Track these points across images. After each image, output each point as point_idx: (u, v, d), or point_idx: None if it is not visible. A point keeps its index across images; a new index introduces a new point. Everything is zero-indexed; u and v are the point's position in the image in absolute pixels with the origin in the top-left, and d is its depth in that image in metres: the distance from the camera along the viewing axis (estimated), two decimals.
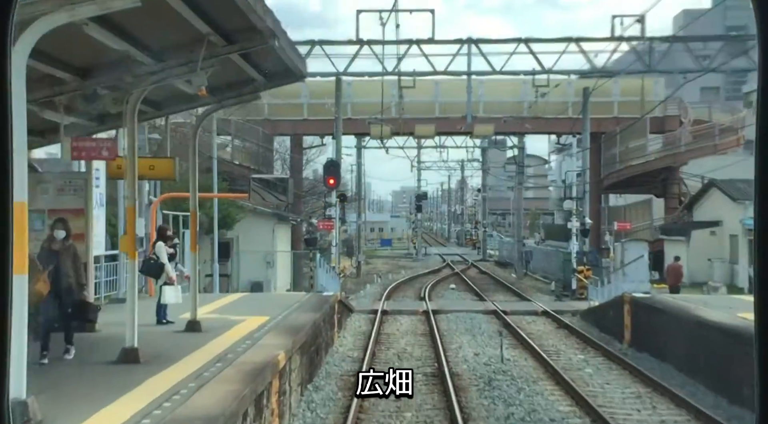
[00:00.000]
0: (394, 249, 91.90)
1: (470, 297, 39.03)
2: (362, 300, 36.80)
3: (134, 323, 11.69)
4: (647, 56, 31.14)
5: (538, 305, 33.46)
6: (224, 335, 14.95)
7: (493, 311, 31.60)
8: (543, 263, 56.64)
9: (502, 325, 28.14)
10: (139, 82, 11.82)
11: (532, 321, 29.61)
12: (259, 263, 39.22)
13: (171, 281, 16.16)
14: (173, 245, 16.49)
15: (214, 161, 30.81)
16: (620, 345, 23.31)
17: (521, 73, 33.31)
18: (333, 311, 23.25)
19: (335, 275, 31.00)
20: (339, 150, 40.66)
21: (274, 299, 23.01)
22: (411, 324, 28.99)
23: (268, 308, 19.67)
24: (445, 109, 49.19)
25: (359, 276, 52.07)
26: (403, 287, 44.34)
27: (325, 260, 36.22)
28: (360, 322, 29.19)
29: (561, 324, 28.27)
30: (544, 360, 20.56)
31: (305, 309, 19.83)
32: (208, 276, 35.87)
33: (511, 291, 42.47)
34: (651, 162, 44.54)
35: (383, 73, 33.75)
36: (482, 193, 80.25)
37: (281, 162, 51.08)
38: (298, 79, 15.69)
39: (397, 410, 15.19)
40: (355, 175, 57.63)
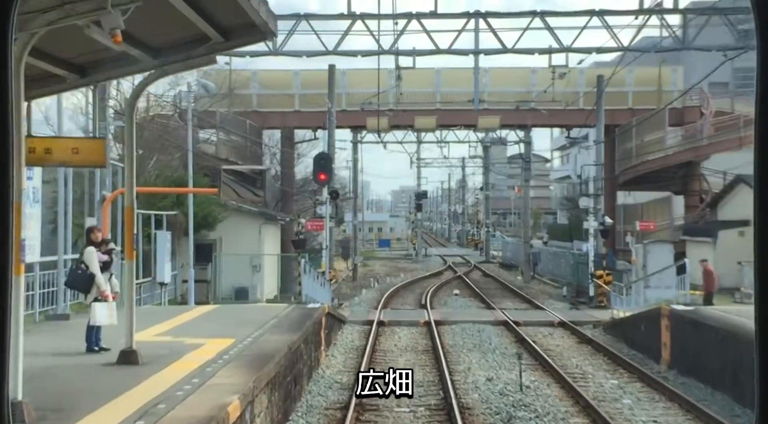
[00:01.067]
0: (393, 250, 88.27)
1: (476, 304, 35.51)
2: (357, 308, 33.28)
3: (18, 369, 8.13)
4: (681, 31, 27.55)
5: (553, 314, 29.96)
6: (167, 368, 11.45)
7: (503, 322, 28.11)
8: (551, 266, 53.25)
9: (516, 340, 24.60)
10: (28, 22, 8.30)
11: (548, 334, 26.10)
12: (244, 266, 35.78)
13: (103, 297, 12.63)
14: (108, 251, 12.95)
15: (190, 154, 27.38)
16: (657, 366, 19.82)
17: (536, 52, 29.75)
18: (319, 326, 19.75)
19: (325, 282, 27.52)
20: (332, 142, 37.15)
21: (248, 313, 19.53)
22: (411, 338, 25.49)
23: (238, 326, 16.18)
24: (446, 99, 45.67)
25: (355, 280, 48.58)
26: (402, 293, 40.84)
27: (315, 265, 32.83)
28: (353, 335, 25.69)
29: (582, 338, 24.77)
30: (571, 387, 17.07)
31: (283, 327, 16.32)
32: (185, 282, 32.43)
33: (519, 297, 38.97)
34: (671, 156, 41.01)
35: (379, 51, 30.20)
36: (485, 192, 76.64)
37: (270, 157, 47.54)
38: (264, 38, 12.18)
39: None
40: (353, 172, 54.03)
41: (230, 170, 18.46)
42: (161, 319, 17.24)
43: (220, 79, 41.68)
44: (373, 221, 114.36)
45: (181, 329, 15.77)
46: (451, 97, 45.72)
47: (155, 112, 37.20)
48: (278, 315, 18.18)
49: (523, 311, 31.99)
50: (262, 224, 37.04)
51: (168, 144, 35.26)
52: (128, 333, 11.80)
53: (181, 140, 38.61)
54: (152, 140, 35.13)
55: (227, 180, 18.15)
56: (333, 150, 37.29)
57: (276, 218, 38.61)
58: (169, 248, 28.89)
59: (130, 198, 11.82)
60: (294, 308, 19.79)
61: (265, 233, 37.47)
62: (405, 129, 45.64)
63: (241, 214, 36.46)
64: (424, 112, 45.08)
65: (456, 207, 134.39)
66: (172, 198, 32.99)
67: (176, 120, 39.87)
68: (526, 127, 47.03)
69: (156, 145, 35.32)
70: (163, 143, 34.57)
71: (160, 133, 35.01)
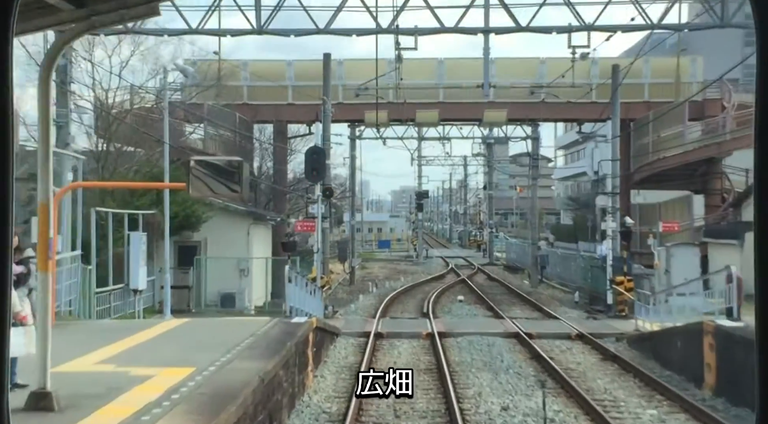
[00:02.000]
0: (393, 251, 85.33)
1: (482, 312, 32.67)
2: (352, 317, 30.47)
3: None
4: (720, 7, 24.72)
5: (569, 324, 27.13)
6: (89, 418, 8.62)
7: (515, 334, 25.28)
8: (559, 269, 50.46)
9: (531, 356, 21.77)
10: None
11: (566, 349, 23.26)
12: (231, 271, 33.01)
13: (18, 320, 9.78)
14: (22, 261, 10.08)
15: (166, 145, 24.62)
16: (700, 392, 16.99)
17: (553, 31, 26.82)
18: (306, 344, 16.93)
19: (316, 290, 24.66)
20: (327, 136, 34.27)
21: (222, 330, 16.71)
22: (412, 353, 22.68)
23: (204, 349, 13.38)
24: (450, 92, 42.83)
25: (352, 284, 45.77)
26: (402, 298, 38.01)
27: (308, 270, 30.02)
28: (347, 350, 22.88)
29: (606, 354, 21.93)
30: (604, 420, 14.27)
31: (258, 350, 13.50)
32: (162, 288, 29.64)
33: (528, 303, 36.15)
34: (691, 153, 38.16)
35: (377, 30, 27.26)
36: (488, 191, 73.77)
37: (262, 152, 44.74)
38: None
39: None
40: (350, 169, 51.09)
41: (202, 162, 15.63)
42: (115, 338, 14.43)
43: (209, 68, 38.92)
44: (372, 222, 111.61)
45: (132, 354, 12.93)
46: (455, 90, 42.88)
47: (140, 105, 34.46)
48: (256, 333, 15.35)
49: (535, 321, 29.16)
50: (251, 225, 34.28)
51: (148, 137, 32.48)
52: (41, 369, 8.97)
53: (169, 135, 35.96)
54: (131, 133, 32.40)
55: (199, 173, 15.32)
56: (328, 144, 34.43)
57: (266, 218, 35.80)
58: (144, 250, 26.14)
59: (45, 192, 8.97)
60: (276, 324, 16.97)
61: (255, 234, 34.70)
62: (405, 123, 42.79)
63: (228, 213, 33.74)
64: (426, 105, 42.25)
65: (457, 207, 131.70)
66: (151, 196, 30.24)
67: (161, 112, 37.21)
68: (534, 121, 44.21)
69: (135, 139, 32.58)
70: (141, 136, 31.82)
71: (138, 125, 32.22)
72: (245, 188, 16.58)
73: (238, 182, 16.46)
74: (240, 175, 16.63)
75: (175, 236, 32.22)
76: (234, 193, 16.63)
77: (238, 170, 16.66)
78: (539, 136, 47.05)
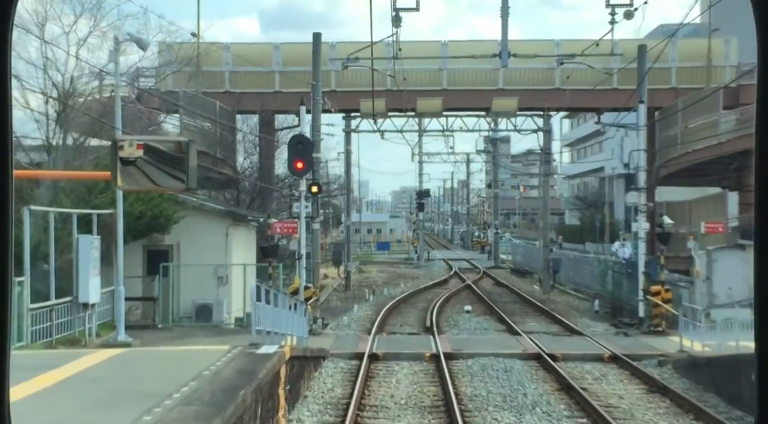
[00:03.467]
0: (393, 253, 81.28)
1: (494, 326, 28.61)
2: (344, 332, 26.46)
3: None
4: None
5: (597, 342, 23.10)
6: None
7: (536, 356, 21.27)
8: (572, 273, 46.50)
9: (560, 387, 17.71)
10: None
11: (600, 376, 19.22)
12: (207, 278, 28.96)
13: None
14: None
15: (118, 132, 20.64)
16: None
17: None
18: (275, 383, 12.90)
19: (300, 306, 20.41)
20: (317, 126, 30.20)
21: (159, 367, 12.66)
22: (414, 381, 18.66)
23: (116, 405, 9.36)
24: (455, 79, 38.77)
25: (348, 289, 41.76)
26: (402, 308, 34.00)
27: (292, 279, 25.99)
28: (334, 379, 18.88)
29: (652, 383, 17.89)
30: None
31: (193, 408, 9.42)
32: (129, 300, 25.63)
33: (544, 313, 32.17)
34: (725, 144, 34.15)
35: None
36: (493, 189, 69.69)
37: (246, 146, 40.67)
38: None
39: None
40: (345, 164, 47.03)
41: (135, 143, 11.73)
42: None
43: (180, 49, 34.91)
44: (371, 222, 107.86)
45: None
46: (461, 76, 38.83)
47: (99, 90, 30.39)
48: (202, 374, 11.29)
49: (556, 338, 25.14)
50: (230, 226, 30.20)
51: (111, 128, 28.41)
52: None
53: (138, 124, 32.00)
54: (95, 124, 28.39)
55: (131, 158, 11.37)
56: (318, 134, 30.38)
57: (247, 219, 31.77)
58: (96, 257, 22.16)
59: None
60: (236, 356, 12.92)
61: (235, 236, 30.61)
62: (406, 112, 38.72)
63: (204, 213, 29.75)
64: (428, 93, 38.17)
65: (459, 207, 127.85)
66: (112, 194, 26.24)
67: (132, 101, 33.34)
68: (547, 111, 40.18)
69: (96, 129, 28.53)
70: (104, 127, 27.77)
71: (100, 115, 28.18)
72: (193, 177, 12.42)
73: (183, 170, 12.45)
74: (187, 161, 12.64)
75: (143, 240, 28.33)
76: (179, 183, 12.61)
77: (184, 154, 12.66)
78: (552, 129, 42.98)
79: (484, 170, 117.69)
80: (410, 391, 17.53)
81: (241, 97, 37.37)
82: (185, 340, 22.14)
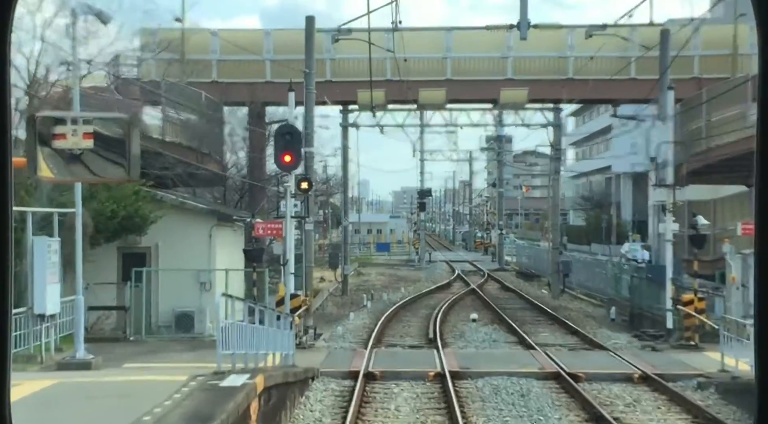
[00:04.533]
0: (393, 255, 78.59)
1: (504, 337, 25.91)
2: (338, 344, 23.79)
3: None
4: None
5: (624, 359, 20.37)
6: None
7: (555, 375, 18.57)
8: (582, 276, 43.90)
9: (588, 418, 15.01)
10: None
11: (633, 401, 16.49)
12: (189, 284, 26.28)
13: None
14: None
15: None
16: None
17: None
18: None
19: (286, 319, 17.67)
20: (310, 118, 27.56)
21: (89, 410, 9.97)
22: (416, 409, 15.97)
23: None
24: (459, 68, 36.05)
25: (345, 294, 39.11)
26: (402, 316, 31.34)
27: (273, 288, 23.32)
28: (323, 405, 16.20)
29: (696, 413, 15.19)
30: None
31: None
32: (93, 309, 22.98)
33: (557, 322, 29.52)
34: (752, 139, 31.36)
35: None
36: (498, 188, 67.01)
37: (233, 139, 37.96)
38: None
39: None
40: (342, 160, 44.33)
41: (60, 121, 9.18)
42: None
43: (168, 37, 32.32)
44: (371, 223, 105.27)
45: None
46: (466, 66, 36.13)
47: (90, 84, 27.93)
48: (146, 415, 8.59)
49: (574, 352, 22.47)
50: (213, 227, 27.49)
51: None
52: None
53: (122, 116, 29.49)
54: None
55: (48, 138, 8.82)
56: (311, 127, 27.76)
57: (233, 219, 29.11)
58: (55, 261, 19.47)
59: None
60: (192, 393, 10.24)
61: (220, 238, 27.91)
62: (406, 103, 36.02)
63: (185, 212, 27.08)
64: (431, 83, 35.46)
65: (460, 207, 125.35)
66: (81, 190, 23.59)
67: (111, 92, 30.78)
68: (558, 104, 37.53)
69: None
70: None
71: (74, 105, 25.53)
72: (135, 163, 9.77)
73: (124, 156, 9.78)
74: (129, 144, 9.95)
75: (117, 241, 25.67)
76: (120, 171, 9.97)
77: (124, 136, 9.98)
78: (562, 123, 40.33)
79: (487, 170, 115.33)
80: (411, 421, 14.86)
81: (229, 88, 34.67)
82: (156, 356, 19.50)
